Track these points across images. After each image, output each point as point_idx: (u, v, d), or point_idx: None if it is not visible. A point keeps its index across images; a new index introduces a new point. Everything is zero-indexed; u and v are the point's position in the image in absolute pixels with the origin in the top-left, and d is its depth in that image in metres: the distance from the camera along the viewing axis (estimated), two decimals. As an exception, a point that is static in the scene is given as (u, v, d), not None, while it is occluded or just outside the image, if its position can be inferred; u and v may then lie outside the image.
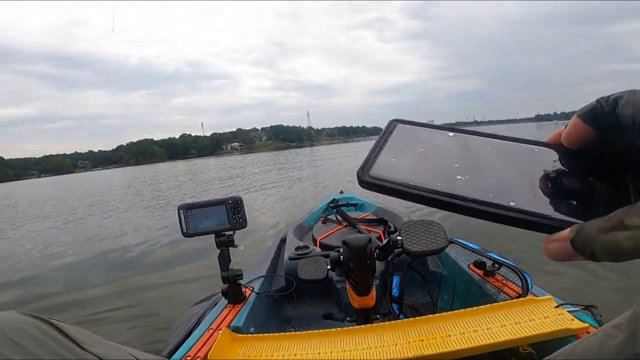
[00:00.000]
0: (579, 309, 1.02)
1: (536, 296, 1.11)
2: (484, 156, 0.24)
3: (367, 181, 0.23)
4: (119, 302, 3.49)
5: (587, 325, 0.95)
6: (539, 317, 1.01)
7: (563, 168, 0.22)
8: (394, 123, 0.27)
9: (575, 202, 0.21)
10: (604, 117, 0.22)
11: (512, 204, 0.20)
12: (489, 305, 1.08)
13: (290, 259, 1.23)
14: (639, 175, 0.21)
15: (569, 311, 1.02)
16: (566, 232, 0.19)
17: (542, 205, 0.20)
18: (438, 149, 0.24)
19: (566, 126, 0.23)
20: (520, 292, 1.15)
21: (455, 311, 1.06)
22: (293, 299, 1.46)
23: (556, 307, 1.04)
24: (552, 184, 0.21)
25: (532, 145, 0.24)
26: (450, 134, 0.25)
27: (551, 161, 0.23)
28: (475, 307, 1.08)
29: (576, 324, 0.96)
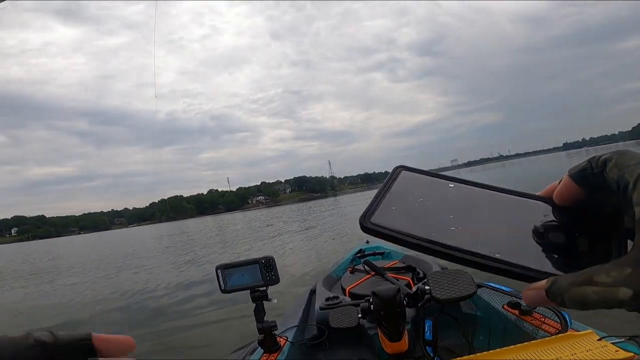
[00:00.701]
0: (623, 340, 0.99)
1: (577, 331, 1.08)
2: (479, 208, 0.26)
3: (368, 227, 0.25)
4: (157, 349, 3.59)
5: (632, 354, 0.92)
6: (581, 351, 0.98)
7: (551, 223, 0.24)
8: (398, 170, 0.29)
9: (557, 256, 0.23)
10: (593, 178, 0.23)
11: (497, 255, 0.23)
12: (527, 342, 1.06)
13: (321, 308, 1.28)
14: (622, 236, 0.22)
15: (612, 343, 0.99)
16: (543, 283, 0.21)
17: (526, 258, 0.22)
18: (437, 199, 0.27)
19: (560, 182, 0.25)
20: (560, 328, 1.12)
21: (492, 351, 1.05)
22: (326, 347, 1.48)
23: (599, 339, 1.01)
24: (538, 238, 0.23)
25: (525, 199, 0.26)
26: (451, 184, 0.28)
27: (541, 215, 0.25)
28: (513, 346, 1.06)
29: (621, 354, 0.93)
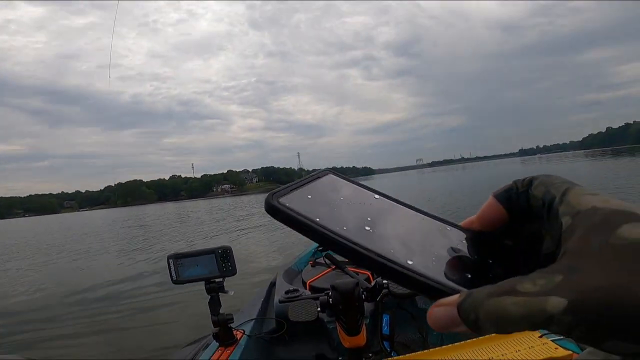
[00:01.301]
0: (562, 337, 1.06)
1: (521, 328, 1.14)
2: (398, 220, 0.24)
3: (274, 206, 0.22)
4: (108, 344, 3.45)
5: (570, 352, 0.98)
6: (524, 347, 1.05)
7: (467, 245, 0.23)
8: (325, 172, 0.28)
9: (470, 276, 0.21)
10: (517, 197, 0.22)
11: (409, 262, 0.20)
12: (475, 339, 1.12)
13: (280, 302, 1.25)
14: (540, 263, 0.20)
15: (552, 340, 1.05)
16: (455, 297, 0.18)
17: (438, 273, 0.20)
18: (357, 203, 0.25)
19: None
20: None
21: (445, 346, 1.10)
22: (284, 341, 1.46)
23: (540, 336, 1.08)
24: (452, 258, 0.22)
25: (445, 225, 0.25)
26: (376, 196, 0.26)
27: (459, 240, 0.23)
28: (463, 342, 1.11)
29: (560, 352, 1.00)
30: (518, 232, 0.22)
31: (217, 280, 1.16)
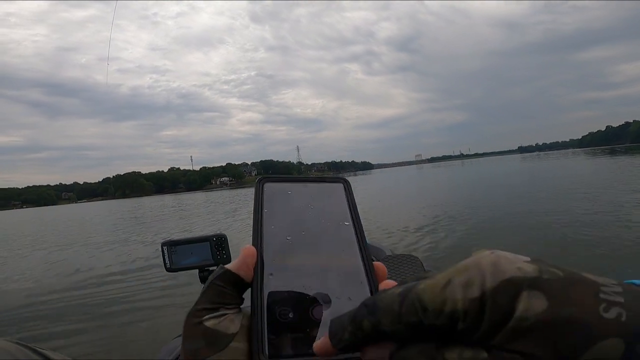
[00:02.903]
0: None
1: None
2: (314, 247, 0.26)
3: (256, 186, 0.28)
4: (100, 333, 3.44)
5: None
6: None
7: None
8: (340, 179, 0.30)
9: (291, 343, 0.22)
10: (363, 343, 0.19)
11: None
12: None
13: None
14: None
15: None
16: (387, 347, 0.18)
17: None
18: (304, 214, 0.28)
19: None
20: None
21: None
22: None
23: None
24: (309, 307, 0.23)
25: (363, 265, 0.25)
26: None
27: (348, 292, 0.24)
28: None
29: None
30: None
31: (211, 268, 1.15)
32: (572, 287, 0.15)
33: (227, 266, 0.24)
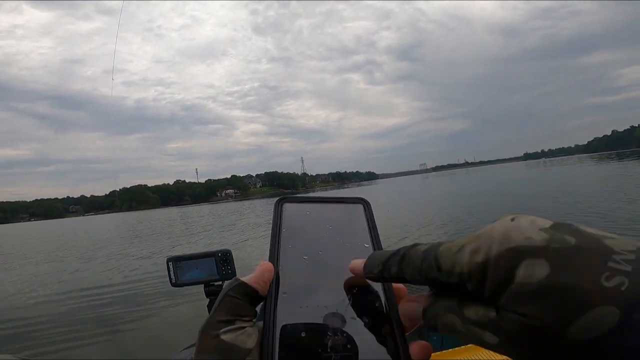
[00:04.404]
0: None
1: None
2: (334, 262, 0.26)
3: (275, 207, 0.28)
4: (105, 345, 3.50)
5: None
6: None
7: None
8: (360, 200, 0.30)
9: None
10: (389, 277, 0.23)
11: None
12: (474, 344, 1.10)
13: None
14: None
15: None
16: (423, 297, 0.22)
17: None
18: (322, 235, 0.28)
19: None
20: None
21: (444, 351, 1.08)
22: None
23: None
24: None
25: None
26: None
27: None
28: (463, 347, 1.09)
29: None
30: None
31: (216, 283, 1.16)
32: (579, 255, 0.16)
33: (243, 279, 0.24)
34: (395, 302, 0.24)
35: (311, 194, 0.30)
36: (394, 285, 0.25)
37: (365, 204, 0.29)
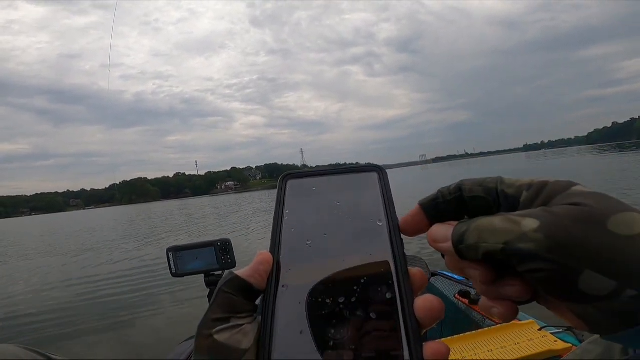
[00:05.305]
0: (561, 330, 1.05)
1: (520, 321, 1.14)
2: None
3: (279, 183, 0.25)
4: (108, 336, 3.51)
5: (569, 345, 0.98)
6: (523, 340, 1.04)
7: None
8: (373, 167, 0.26)
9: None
10: (444, 205, 0.22)
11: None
12: (475, 331, 1.12)
13: None
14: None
15: (552, 333, 1.05)
16: (458, 224, 0.21)
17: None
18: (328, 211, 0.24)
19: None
20: (505, 317, 1.19)
21: (444, 339, 1.10)
22: None
23: (539, 329, 1.08)
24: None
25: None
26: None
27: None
28: (462, 334, 1.11)
29: (559, 345, 0.99)
30: None
31: (216, 273, 1.16)
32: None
33: (237, 272, 0.21)
34: (411, 294, 0.20)
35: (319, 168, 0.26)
36: (412, 271, 0.21)
37: (380, 172, 0.25)
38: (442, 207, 0.22)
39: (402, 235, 0.22)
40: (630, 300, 0.17)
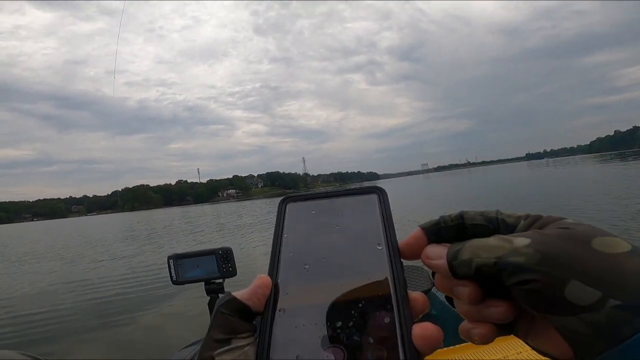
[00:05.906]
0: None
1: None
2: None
3: (279, 207, 0.26)
4: (108, 342, 3.52)
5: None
6: (526, 350, 1.03)
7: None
8: (375, 189, 0.26)
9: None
10: (445, 231, 0.23)
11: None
12: (477, 341, 1.10)
13: None
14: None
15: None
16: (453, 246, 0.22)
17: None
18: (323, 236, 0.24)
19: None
20: (507, 328, 1.18)
21: (445, 348, 1.08)
22: None
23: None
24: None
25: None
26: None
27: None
28: (464, 344, 1.09)
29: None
30: None
31: (217, 281, 1.16)
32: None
33: (235, 294, 0.22)
34: (410, 319, 0.19)
35: (319, 191, 0.27)
36: (412, 295, 0.21)
37: (380, 194, 0.25)
38: (443, 232, 0.23)
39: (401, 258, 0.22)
40: (614, 310, 0.17)
